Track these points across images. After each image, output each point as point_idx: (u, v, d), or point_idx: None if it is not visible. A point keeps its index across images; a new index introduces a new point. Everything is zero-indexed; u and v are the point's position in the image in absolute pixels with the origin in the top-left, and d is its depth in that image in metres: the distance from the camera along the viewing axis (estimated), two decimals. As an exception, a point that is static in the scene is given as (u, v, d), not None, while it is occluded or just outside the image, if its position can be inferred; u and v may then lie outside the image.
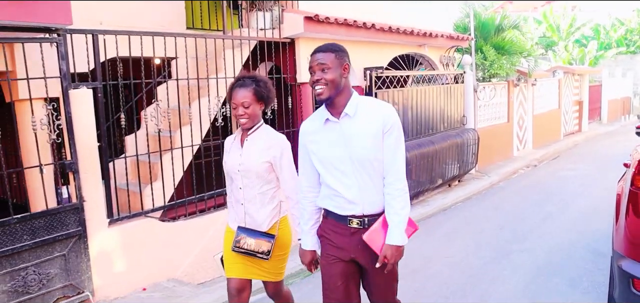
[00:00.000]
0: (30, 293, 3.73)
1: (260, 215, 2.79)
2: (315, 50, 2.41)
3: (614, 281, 2.87)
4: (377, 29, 6.46)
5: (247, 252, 2.78)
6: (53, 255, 3.85)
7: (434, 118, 8.15)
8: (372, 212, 2.39)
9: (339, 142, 2.37)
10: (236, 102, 2.72)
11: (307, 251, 2.61)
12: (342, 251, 2.45)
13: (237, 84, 2.78)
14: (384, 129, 2.33)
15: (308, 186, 2.57)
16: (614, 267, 2.90)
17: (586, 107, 15.92)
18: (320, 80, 2.31)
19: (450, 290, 4.19)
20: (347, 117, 2.36)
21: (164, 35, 4.50)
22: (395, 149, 2.35)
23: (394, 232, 2.32)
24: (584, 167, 10.01)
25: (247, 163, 2.76)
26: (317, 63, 2.33)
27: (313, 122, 2.51)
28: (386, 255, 2.31)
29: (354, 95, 2.40)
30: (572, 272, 4.47)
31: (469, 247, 5.31)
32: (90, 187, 4.01)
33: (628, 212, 2.72)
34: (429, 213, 7.02)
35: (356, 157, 2.34)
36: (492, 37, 10.70)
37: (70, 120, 3.84)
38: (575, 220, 6.12)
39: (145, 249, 4.41)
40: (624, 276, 2.64)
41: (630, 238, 2.69)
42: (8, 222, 3.58)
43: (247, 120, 2.74)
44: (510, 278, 4.40)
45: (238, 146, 2.85)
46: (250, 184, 2.78)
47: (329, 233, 2.50)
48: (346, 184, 2.37)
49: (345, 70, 2.37)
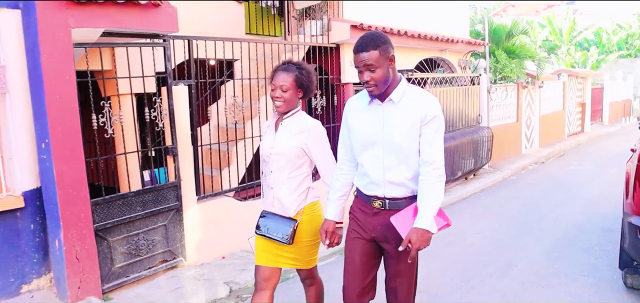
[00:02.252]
0: (140, 256, 4.57)
1: (287, 200, 2.81)
2: (358, 46, 2.39)
3: (625, 235, 3.76)
4: (408, 35, 7.35)
5: (268, 237, 2.82)
6: (157, 225, 4.69)
7: (454, 116, 9.04)
8: (394, 196, 2.47)
9: (377, 124, 2.46)
10: (275, 84, 2.75)
11: (326, 219, 2.70)
12: (363, 229, 2.57)
13: (281, 67, 2.81)
14: (424, 120, 2.38)
15: (345, 159, 2.68)
16: (624, 224, 3.78)
17: (589, 108, 16.87)
18: (369, 81, 2.38)
19: (485, 256, 5.06)
20: (391, 102, 2.44)
21: (240, 41, 5.37)
22: (433, 138, 2.40)
23: (424, 216, 2.33)
24: (588, 163, 10.93)
25: (279, 147, 2.79)
26: (364, 63, 2.36)
27: (359, 100, 2.60)
28: (411, 238, 2.30)
29: (402, 82, 2.45)
30: (585, 243, 5.36)
31: (494, 225, 6.19)
32: (184, 169, 4.86)
33: (636, 181, 3.61)
34: (452, 201, 7.89)
35: (389, 141, 2.42)
36: (503, 42, 11.62)
37: (173, 111, 4.70)
38: (585, 206, 7.01)
39: (223, 223, 5.25)
40: (632, 228, 3.53)
41: (637, 200, 3.58)
42: (126, 195, 4.43)
43: (283, 104, 2.76)
44: (533, 247, 5.29)
45: (272, 130, 2.90)
46: (281, 169, 2.80)
47: (356, 211, 2.63)
48: (374, 165, 2.47)
49: (391, 62, 2.40)
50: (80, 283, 4.02)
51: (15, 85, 3.91)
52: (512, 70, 11.57)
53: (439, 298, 4.08)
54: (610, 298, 3.98)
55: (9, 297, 4.04)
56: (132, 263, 4.51)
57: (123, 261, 4.44)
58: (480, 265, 4.83)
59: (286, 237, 2.75)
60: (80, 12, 3.83)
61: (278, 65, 2.85)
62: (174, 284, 4.53)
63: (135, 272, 4.53)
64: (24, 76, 3.95)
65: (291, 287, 4.38)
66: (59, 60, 3.77)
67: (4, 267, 3.99)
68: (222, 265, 5.04)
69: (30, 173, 4.06)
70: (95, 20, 3.93)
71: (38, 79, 3.76)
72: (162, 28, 4.42)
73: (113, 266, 4.36)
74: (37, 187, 4.10)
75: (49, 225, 4.06)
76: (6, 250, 3.99)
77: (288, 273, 4.72)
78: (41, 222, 4.15)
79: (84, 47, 4.09)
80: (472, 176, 9.74)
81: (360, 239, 2.59)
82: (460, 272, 4.64)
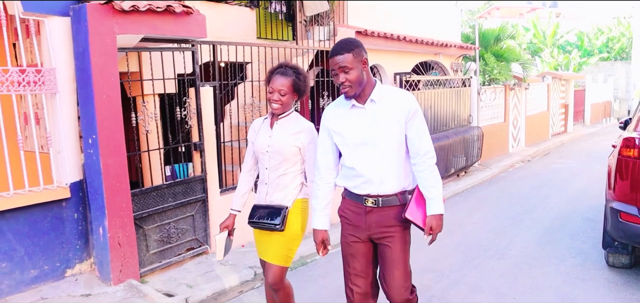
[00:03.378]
0: (170, 243, 5.02)
1: (281, 194, 2.97)
2: (333, 51, 2.56)
3: (607, 219, 4.35)
4: (406, 40, 7.93)
5: (260, 224, 2.98)
6: (185, 215, 5.15)
7: (447, 116, 9.64)
8: (387, 193, 2.62)
9: (363, 126, 2.60)
10: (274, 87, 2.88)
11: (318, 230, 2.78)
12: (359, 230, 2.69)
13: (278, 70, 2.93)
14: (408, 115, 2.57)
15: (326, 168, 2.77)
16: (607, 209, 4.38)
17: (571, 109, 17.71)
18: (345, 82, 2.53)
19: (484, 241, 5.64)
20: (372, 103, 2.59)
21: (258, 46, 5.86)
22: (421, 130, 2.60)
23: (435, 202, 2.59)
24: (572, 161, 11.65)
25: (275, 146, 2.93)
26: (338, 66, 2.52)
27: (338, 107, 2.71)
28: (431, 225, 2.56)
29: (377, 84, 2.63)
30: (571, 230, 5.98)
31: (489, 216, 6.78)
32: (210, 163, 5.32)
33: (616, 172, 4.20)
34: (447, 195, 8.44)
35: (380, 139, 2.57)
36: (492, 46, 12.27)
37: (200, 110, 5.16)
38: (570, 199, 7.66)
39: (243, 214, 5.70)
40: (614, 212, 4.13)
41: (617, 189, 4.18)
42: (160, 187, 4.88)
43: (280, 107, 2.90)
44: (525, 234, 5.89)
45: (267, 128, 3.02)
46: (275, 166, 2.95)
47: (347, 212, 2.74)
48: (366, 165, 2.60)
49: (364, 65, 2.56)
50: (121, 267, 4.46)
51: (62, 86, 4.34)
52: (500, 72, 12.23)
53: (446, 276, 4.63)
54: (594, 275, 4.57)
55: (56, 280, 4.47)
56: (164, 250, 4.96)
57: (156, 248, 4.89)
58: (480, 248, 5.39)
59: (278, 221, 2.90)
60: (125, 19, 4.28)
61: (274, 68, 2.98)
62: (202, 269, 4.99)
63: (167, 258, 4.98)
64: (70, 77, 4.38)
65: (311, 269, 4.89)
66: (106, 63, 4.22)
67: (50, 252, 4.42)
68: (243, 253, 5.51)
69: (74, 167, 4.49)
70: (137, 27, 4.39)
71: (87, 80, 4.19)
72: (193, 34, 4.89)
73: (148, 252, 4.81)
74: (80, 180, 4.53)
75: (92, 213, 4.48)
76: (53, 237, 4.42)
77: (305, 258, 5.24)
78: (82, 212, 4.58)
79: (124, 51, 4.53)
80: (464, 173, 10.35)
81: (358, 243, 2.71)
82: (462, 254, 5.21)
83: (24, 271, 4.26)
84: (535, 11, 27.40)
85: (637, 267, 4.65)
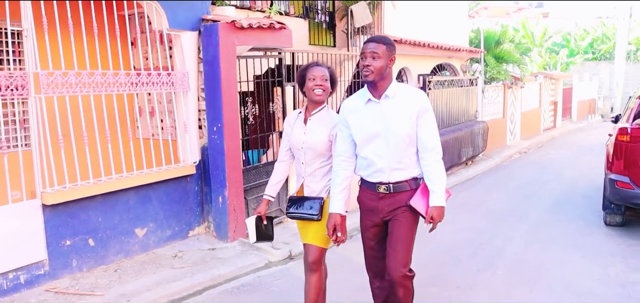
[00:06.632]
0: (261, 212, 6.48)
1: (317, 187, 3.18)
2: (369, 39, 2.83)
3: (606, 187, 6.03)
4: (429, 46, 9.56)
5: (297, 215, 3.19)
6: (272, 189, 6.61)
7: (459, 112, 11.30)
8: (397, 180, 2.89)
9: (378, 119, 2.84)
10: (316, 75, 3.05)
11: (332, 214, 2.98)
12: (374, 213, 2.99)
13: (313, 63, 3.18)
14: (420, 112, 2.82)
15: (344, 156, 3.01)
16: (606, 180, 6.05)
17: (560, 106, 19.67)
18: (370, 66, 2.75)
19: (504, 212, 7.27)
20: (386, 98, 2.82)
21: (322, 53, 7.34)
22: (430, 126, 2.85)
23: (437, 195, 2.83)
24: (565, 152, 13.46)
25: (310, 141, 3.12)
26: (370, 51, 2.75)
27: (355, 101, 2.96)
28: (432, 215, 2.83)
29: (394, 81, 2.87)
30: (573, 203, 7.69)
31: (502, 195, 8.43)
32: (289, 148, 6.80)
33: (614, 152, 5.87)
34: (460, 180, 10.09)
35: (392, 132, 2.81)
36: (493, 49, 14.01)
37: (285, 105, 6.62)
38: (568, 182, 9.38)
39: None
40: (611, 181, 5.81)
41: (614, 164, 5.85)
42: (257, 166, 6.35)
43: (323, 93, 3.07)
44: (537, 205, 7.58)
45: (301, 124, 3.20)
46: (310, 160, 3.15)
47: (364, 199, 3.04)
48: (379, 155, 2.86)
49: (391, 62, 2.80)
50: (235, 228, 5.91)
51: (191, 86, 5.76)
52: (499, 72, 13.97)
53: (484, 232, 6.25)
54: (596, 231, 6.25)
55: (182, 239, 5.89)
56: (257, 217, 6.41)
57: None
58: (502, 216, 7.03)
59: (315, 211, 3.09)
60: (242, 34, 5.73)
61: (309, 64, 3.20)
62: (289, 231, 6.45)
63: (260, 224, 6.43)
64: (195, 79, 5.80)
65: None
66: (229, 68, 5.66)
67: (178, 217, 5.84)
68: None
69: (196, 149, 5.92)
70: (249, 39, 5.84)
71: (216, 82, 5.62)
72: (283, 44, 6.35)
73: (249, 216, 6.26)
74: (199, 160, 5.95)
75: (212, 186, 5.91)
76: (181, 205, 5.84)
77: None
78: (200, 185, 6.01)
79: (237, 58, 5.98)
80: (471, 162, 12.02)
81: (374, 227, 3.05)
82: (492, 219, 6.85)
83: (163, 230, 5.68)
84: (522, 11, 29.36)
85: (627, 225, 6.35)
